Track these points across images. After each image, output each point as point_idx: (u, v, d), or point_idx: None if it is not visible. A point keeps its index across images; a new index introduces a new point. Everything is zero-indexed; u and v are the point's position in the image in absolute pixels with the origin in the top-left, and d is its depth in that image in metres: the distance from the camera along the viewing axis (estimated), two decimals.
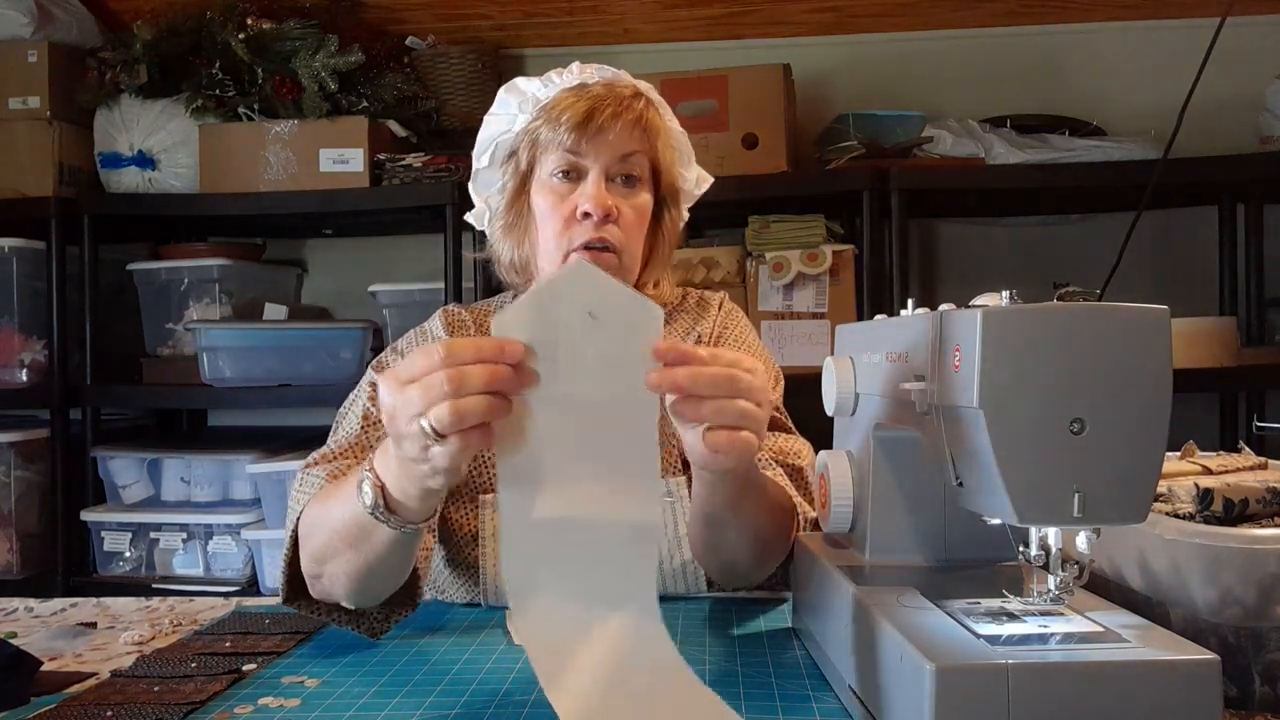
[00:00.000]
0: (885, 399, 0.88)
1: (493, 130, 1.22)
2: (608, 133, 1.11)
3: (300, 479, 1.07)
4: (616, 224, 1.13)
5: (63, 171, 2.37)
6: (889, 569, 0.89)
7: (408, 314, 2.36)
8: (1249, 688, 0.74)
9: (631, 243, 1.16)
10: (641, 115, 1.14)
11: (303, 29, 2.30)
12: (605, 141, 1.12)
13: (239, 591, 2.22)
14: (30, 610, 1.15)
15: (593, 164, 1.13)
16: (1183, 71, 1.20)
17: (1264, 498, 0.81)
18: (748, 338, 1.29)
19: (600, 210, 1.11)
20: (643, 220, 1.17)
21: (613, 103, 1.12)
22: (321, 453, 1.12)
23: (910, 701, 0.66)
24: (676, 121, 1.24)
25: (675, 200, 1.24)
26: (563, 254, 1.13)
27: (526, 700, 0.82)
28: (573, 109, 1.11)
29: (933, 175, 2.21)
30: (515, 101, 1.20)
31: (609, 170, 1.14)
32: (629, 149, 1.13)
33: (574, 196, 1.13)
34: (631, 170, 1.15)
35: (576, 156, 1.13)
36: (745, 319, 1.33)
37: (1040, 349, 0.66)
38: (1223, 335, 2.12)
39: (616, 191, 1.14)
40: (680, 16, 2.55)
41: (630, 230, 1.15)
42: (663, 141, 1.17)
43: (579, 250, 1.12)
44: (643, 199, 1.17)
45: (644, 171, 1.17)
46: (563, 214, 1.13)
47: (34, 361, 2.35)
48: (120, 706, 0.82)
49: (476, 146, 1.25)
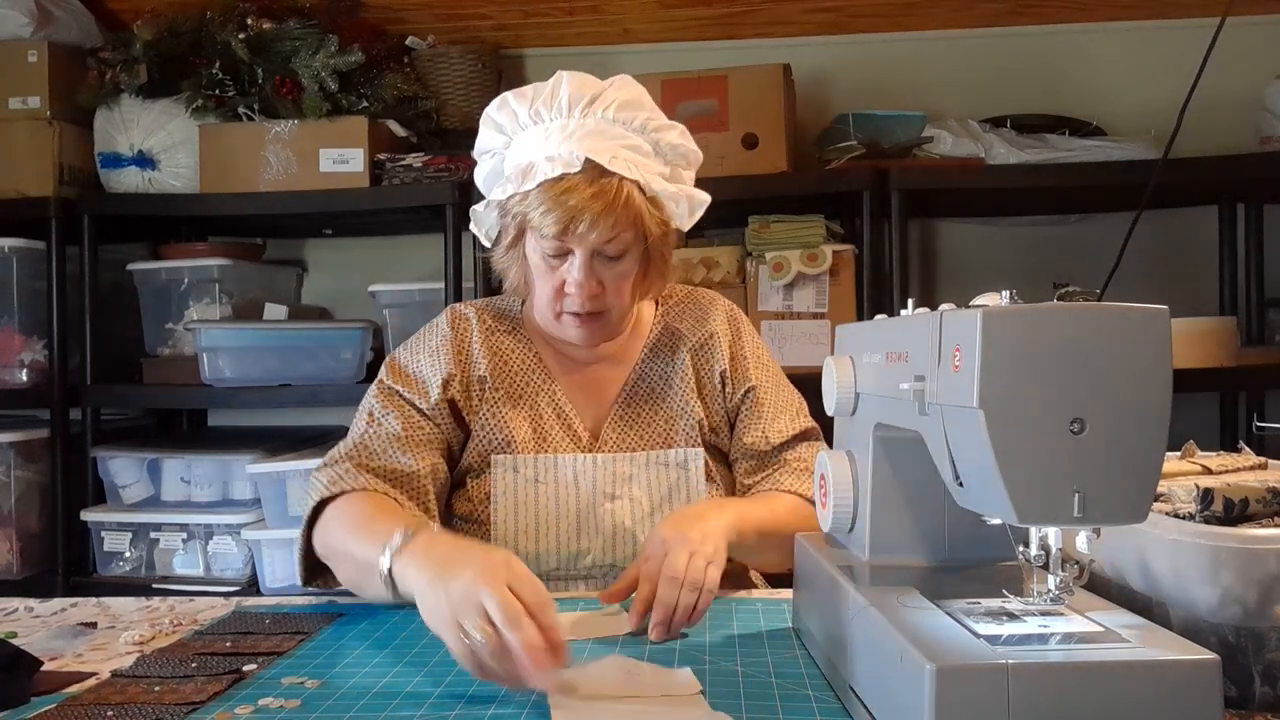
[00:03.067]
0: (885, 399, 0.88)
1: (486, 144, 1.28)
2: (589, 234, 1.16)
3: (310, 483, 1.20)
4: (602, 297, 1.21)
5: (63, 171, 2.37)
6: (889, 569, 0.89)
7: (408, 314, 2.36)
8: (1249, 688, 0.74)
9: (620, 301, 1.24)
10: (625, 204, 1.17)
11: (303, 29, 2.30)
12: (588, 239, 1.17)
13: (239, 591, 2.22)
14: (30, 610, 1.15)
15: (578, 248, 1.19)
16: (1183, 71, 1.21)
17: (1264, 498, 0.81)
18: (760, 354, 1.36)
19: (585, 296, 1.20)
20: (628, 284, 1.24)
21: (596, 206, 1.15)
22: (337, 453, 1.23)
23: (910, 701, 0.66)
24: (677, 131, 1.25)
25: (665, 242, 1.27)
26: (555, 313, 1.24)
27: (527, 699, 0.82)
28: (553, 213, 1.15)
29: (933, 175, 2.21)
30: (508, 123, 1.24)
31: (594, 252, 1.19)
32: (610, 235, 1.18)
33: (562, 270, 1.21)
34: (616, 249, 1.20)
35: (562, 243, 1.19)
36: (751, 328, 1.39)
37: (1040, 349, 0.66)
38: (1223, 335, 2.12)
39: (601, 265, 1.21)
40: (680, 16, 2.55)
41: (618, 294, 1.23)
42: (648, 216, 1.20)
43: (569, 315, 1.23)
44: (626, 267, 1.23)
45: (627, 243, 1.21)
46: (553, 283, 1.22)
47: (34, 361, 2.35)
48: (120, 706, 0.82)
49: (475, 149, 1.30)
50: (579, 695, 0.82)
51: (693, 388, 1.31)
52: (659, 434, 1.29)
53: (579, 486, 1.23)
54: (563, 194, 1.15)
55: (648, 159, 1.22)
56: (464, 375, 1.27)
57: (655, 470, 1.26)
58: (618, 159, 1.18)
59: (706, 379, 1.32)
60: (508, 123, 1.24)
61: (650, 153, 1.23)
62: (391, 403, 1.26)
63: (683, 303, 1.38)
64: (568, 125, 1.20)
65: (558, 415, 1.28)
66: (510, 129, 1.24)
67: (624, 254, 1.21)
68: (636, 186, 1.19)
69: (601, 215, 1.15)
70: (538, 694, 0.83)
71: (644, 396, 1.31)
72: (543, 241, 1.19)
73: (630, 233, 1.19)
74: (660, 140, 1.24)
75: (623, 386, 1.31)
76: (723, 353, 1.33)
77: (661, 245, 1.26)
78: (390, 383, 1.27)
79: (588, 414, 1.30)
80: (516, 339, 1.33)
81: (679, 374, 1.32)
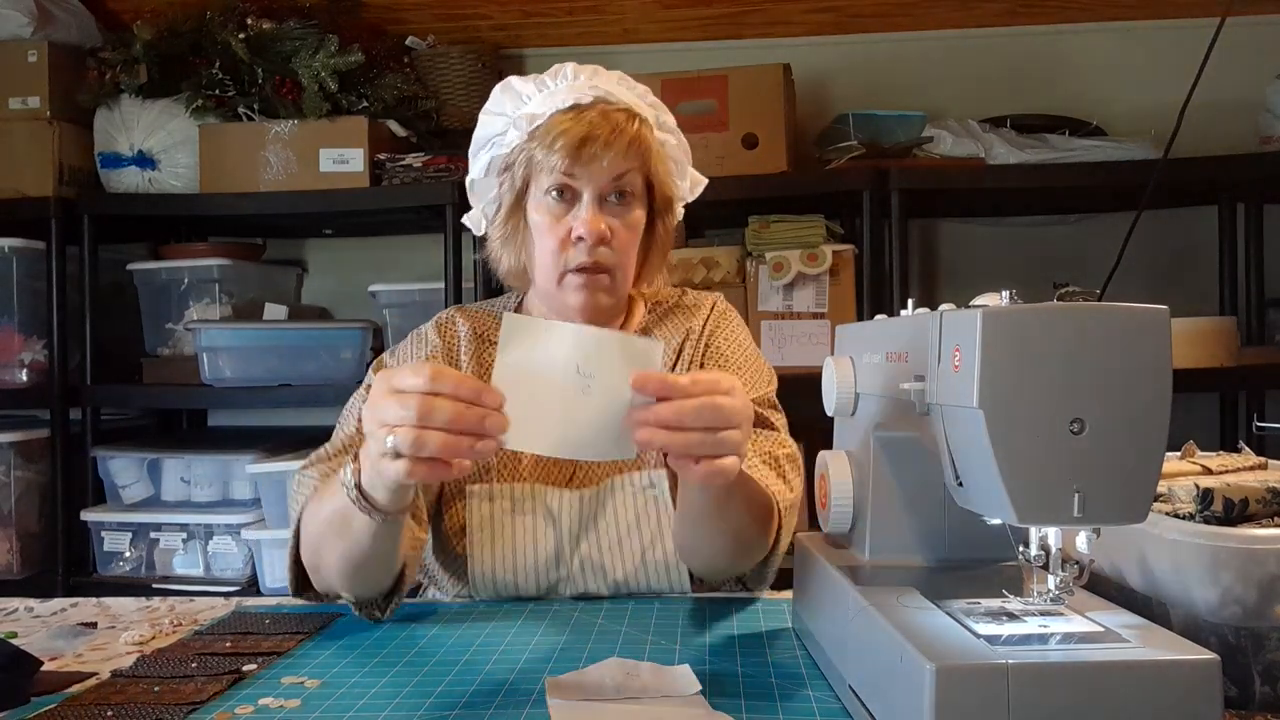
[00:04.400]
0: (885, 399, 0.88)
1: (487, 131, 1.22)
2: (601, 159, 1.12)
3: (297, 479, 1.12)
4: (610, 245, 1.15)
5: (63, 171, 2.37)
6: (889, 569, 0.89)
7: (408, 314, 2.36)
8: (1249, 688, 0.74)
9: (625, 260, 1.18)
10: (635, 136, 1.14)
11: (303, 29, 2.30)
12: (599, 167, 1.13)
13: (239, 591, 2.22)
14: (30, 610, 1.15)
15: (586, 186, 1.14)
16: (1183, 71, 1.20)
17: (1264, 498, 0.81)
18: (738, 337, 1.30)
19: (594, 236, 1.13)
20: (635, 236, 1.19)
21: (606, 129, 1.12)
22: (318, 454, 1.15)
23: (910, 701, 0.66)
24: (674, 121, 1.24)
25: (669, 209, 1.24)
26: (558, 273, 1.16)
27: (527, 699, 0.82)
28: (565, 136, 1.11)
29: (933, 175, 2.21)
30: (510, 104, 1.19)
31: (602, 191, 1.15)
32: (621, 169, 1.14)
33: (568, 218, 1.15)
34: (624, 188, 1.16)
35: (570, 179, 1.14)
36: (738, 319, 1.33)
37: (1040, 349, 0.66)
38: (1223, 335, 2.12)
39: (610, 211, 1.16)
40: (680, 16, 2.55)
41: (624, 249, 1.17)
42: (656, 157, 1.18)
43: (574, 272, 1.15)
44: (635, 216, 1.18)
45: (637, 188, 1.17)
46: (558, 235, 1.15)
47: (34, 361, 2.35)
48: (120, 707, 0.82)
49: (472, 146, 1.25)
50: (578, 696, 0.82)
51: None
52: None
53: (557, 519, 1.16)
54: (574, 118, 1.12)
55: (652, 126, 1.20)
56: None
57: (622, 495, 1.18)
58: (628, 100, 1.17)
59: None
60: (510, 103, 1.19)
61: (654, 123, 1.21)
62: None
63: (670, 309, 1.33)
64: (576, 84, 1.17)
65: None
66: (513, 109, 1.19)
67: (632, 200, 1.17)
68: (647, 125, 1.17)
69: (614, 140, 1.11)
70: (538, 690, 0.83)
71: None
72: (549, 179, 1.14)
73: (639, 175, 1.16)
74: (659, 118, 1.22)
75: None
76: (695, 350, 1.27)
77: (665, 210, 1.23)
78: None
79: None
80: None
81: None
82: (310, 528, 1.03)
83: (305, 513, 1.05)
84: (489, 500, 1.17)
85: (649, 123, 1.18)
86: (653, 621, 1.05)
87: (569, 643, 0.98)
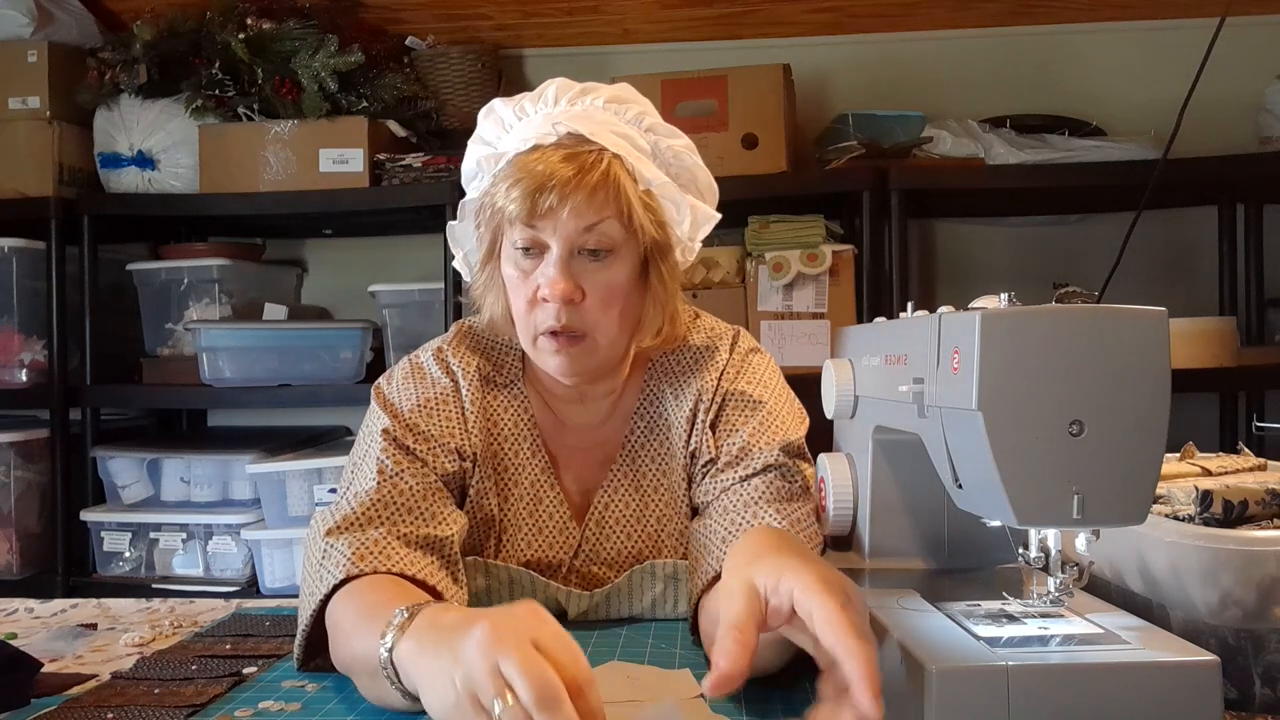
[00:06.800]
0: (885, 402, 0.88)
1: (469, 166, 1.10)
2: (561, 209, 0.96)
3: (323, 548, 0.94)
4: (581, 305, 1.00)
5: (63, 171, 2.37)
6: (889, 571, 0.89)
7: (408, 314, 2.36)
8: (1249, 689, 0.74)
9: (605, 320, 1.01)
10: (602, 179, 0.97)
11: (303, 29, 2.30)
12: (559, 219, 0.97)
13: (239, 592, 2.22)
14: (30, 611, 1.15)
15: (552, 239, 0.99)
16: (1183, 71, 1.20)
17: (1263, 499, 0.81)
18: (763, 377, 1.12)
19: (558, 297, 0.98)
20: (616, 293, 1.01)
21: (565, 173, 0.96)
22: (343, 515, 0.96)
23: (911, 703, 0.66)
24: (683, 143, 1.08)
25: (664, 255, 1.05)
26: (531, 336, 1.03)
27: None
28: (522, 183, 0.97)
29: (932, 175, 2.21)
30: (492, 132, 1.08)
31: (572, 244, 0.99)
32: (590, 220, 0.98)
33: (536, 275, 1.00)
34: (599, 243, 0.99)
35: (535, 231, 0.99)
36: (763, 358, 1.15)
37: (1039, 351, 0.66)
38: (1223, 335, 2.12)
39: (582, 268, 0.99)
40: (680, 16, 2.54)
41: (601, 308, 1.01)
42: (635, 200, 1.00)
43: (545, 336, 1.01)
44: (614, 273, 1.01)
45: (614, 239, 1.00)
46: (526, 294, 1.01)
47: (34, 361, 2.35)
48: (120, 709, 0.82)
49: (462, 177, 1.13)
50: None
51: (682, 477, 1.10)
52: (647, 538, 1.09)
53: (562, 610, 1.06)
54: (531, 162, 0.97)
55: (642, 156, 1.03)
56: (467, 446, 1.07)
57: (640, 580, 1.07)
58: (600, 135, 1.00)
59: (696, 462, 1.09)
60: (492, 131, 1.08)
61: (647, 151, 1.04)
62: (404, 457, 1.02)
63: (676, 367, 1.13)
64: (553, 114, 1.03)
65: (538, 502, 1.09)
66: (495, 137, 1.07)
67: (610, 253, 1.00)
68: (622, 164, 1.00)
69: (575, 184, 0.96)
70: None
71: (632, 484, 1.10)
72: (514, 232, 1.00)
73: (616, 223, 0.99)
74: (660, 144, 1.06)
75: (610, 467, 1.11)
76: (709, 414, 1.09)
77: (659, 256, 1.04)
78: (398, 434, 1.03)
79: (573, 494, 1.10)
80: (511, 395, 1.11)
81: (670, 455, 1.10)
82: (341, 646, 0.86)
83: (336, 609, 0.88)
84: (484, 575, 1.06)
85: (628, 161, 1.01)
86: (653, 626, 1.05)
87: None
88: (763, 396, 1.09)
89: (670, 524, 1.10)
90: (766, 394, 1.10)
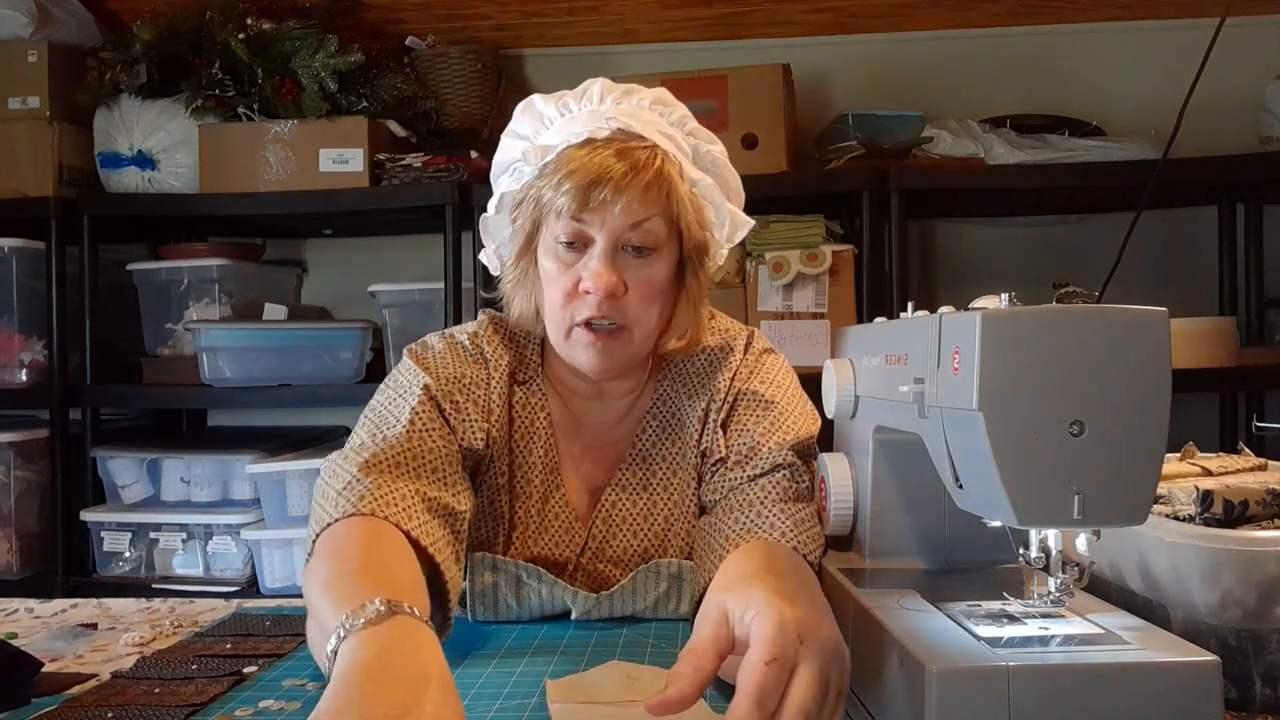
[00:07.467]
0: (885, 402, 0.88)
1: (505, 157, 1.10)
2: (613, 205, 0.97)
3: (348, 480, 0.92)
4: (623, 300, 1.00)
5: (62, 171, 2.37)
6: (889, 571, 0.89)
7: (408, 314, 2.36)
8: (1249, 690, 0.74)
9: (644, 316, 1.02)
10: (656, 177, 0.99)
11: (303, 29, 2.30)
12: (611, 213, 0.98)
13: (239, 592, 2.22)
14: (31, 611, 1.15)
15: (598, 233, 0.99)
16: (1183, 71, 1.20)
17: (1264, 499, 0.81)
18: (775, 377, 1.13)
19: (602, 290, 0.99)
20: (656, 290, 1.03)
21: (621, 169, 0.97)
22: (371, 454, 0.95)
23: (911, 703, 0.66)
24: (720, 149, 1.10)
25: (700, 258, 1.07)
26: (566, 328, 1.03)
27: (527, 704, 0.83)
28: (574, 176, 0.97)
29: (932, 175, 2.21)
30: (530, 127, 1.08)
31: (618, 240, 1.00)
32: (639, 216, 0.99)
33: (578, 267, 1.01)
34: (644, 240, 1.00)
35: (581, 225, 0.99)
36: (775, 359, 1.16)
37: (1039, 351, 0.66)
38: (1223, 335, 2.12)
39: (625, 263, 1.01)
40: (680, 16, 2.55)
41: (642, 304, 1.02)
42: (683, 200, 1.02)
43: (582, 327, 1.01)
44: (655, 270, 1.02)
45: (659, 237, 1.01)
46: (565, 285, 1.01)
47: (34, 361, 2.35)
48: (121, 708, 0.82)
49: (493, 170, 1.12)
50: (580, 699, 0.82)
51: (693, 476, 1.11)
52: (654, 538, 1.10)
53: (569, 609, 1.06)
54: (585, 156, 0.98)
55: (684, 158, 1.05)
56: (491, 434, 1.07)
57: (644, 580, 1.06)
58: (650, 133, 1.02)
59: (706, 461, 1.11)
60: (530, 126, 1.07)
61: (688, 154, 1.06)
62: (439, 417, 1.03)
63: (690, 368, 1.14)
64: (599, 110, 1.04)
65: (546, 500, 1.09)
66: (533, 132, 1.07)
67: (653, 251, 1.01)
68: (672, 163, 1.01)
69: (629, 181, 0.96)
70: (539, 695, 0.83)
71: (640, 484, 1.11)
72: (558, 225, 1.00)
73: (662, 221, 1.00)
74: (700, 148, 1.08)
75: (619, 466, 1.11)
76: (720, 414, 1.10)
77: (697, 258, 1.06)
78: (437, 394, 1.04)
79: (581, 492, 1.11)
80: (529, 391, 1.12)
81: (682, 455, 1.11)
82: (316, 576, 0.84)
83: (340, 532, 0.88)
84: (492, 571, 1.05)
85: (676, 160, 1.03)
86: (654, 626, 1.05)
87: (570, 645, 0.98)
88: (775, 397, 1.10)
89: (677, 524, 1.10)
90: (779, 394, 1.10)
